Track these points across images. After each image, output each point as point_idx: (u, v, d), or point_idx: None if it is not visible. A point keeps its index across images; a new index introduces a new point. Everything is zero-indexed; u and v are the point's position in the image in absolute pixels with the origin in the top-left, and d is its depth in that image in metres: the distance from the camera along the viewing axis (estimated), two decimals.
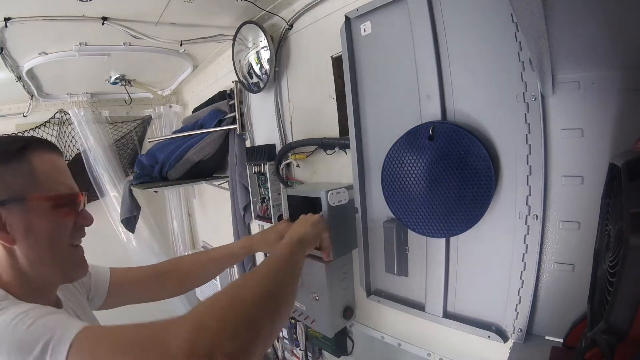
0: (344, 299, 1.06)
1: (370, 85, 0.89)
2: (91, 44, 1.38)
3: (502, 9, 0.64)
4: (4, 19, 1.06)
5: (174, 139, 1.76)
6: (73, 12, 1.10)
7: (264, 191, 1.36)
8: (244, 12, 1.20)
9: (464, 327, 0.79)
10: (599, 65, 0.57)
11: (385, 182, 0.84)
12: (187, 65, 1.74)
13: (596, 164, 0.59)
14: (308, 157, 1.17)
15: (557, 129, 0.63)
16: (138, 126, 2.24)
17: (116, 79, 1.82)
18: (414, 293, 0.90)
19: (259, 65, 1.26)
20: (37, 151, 0.58)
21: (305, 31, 1.13)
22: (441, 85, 0.75)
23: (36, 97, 1.82)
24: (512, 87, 0.66)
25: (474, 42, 0.70)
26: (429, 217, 0.77)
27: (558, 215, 0.65)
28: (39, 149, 0.58)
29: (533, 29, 0.43)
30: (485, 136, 0.71)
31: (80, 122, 1.97)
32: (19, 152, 0.56)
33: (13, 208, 0.54)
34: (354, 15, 0.87)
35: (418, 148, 0.77)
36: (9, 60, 1.36)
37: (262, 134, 1.43)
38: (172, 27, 1.28)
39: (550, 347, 0.65)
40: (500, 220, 0.71)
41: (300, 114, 1.22)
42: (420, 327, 0.93)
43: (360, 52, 0.89)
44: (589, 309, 0.53)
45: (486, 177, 0.69)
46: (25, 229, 0.55)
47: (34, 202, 0.56)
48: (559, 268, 0.66)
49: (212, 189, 1.88)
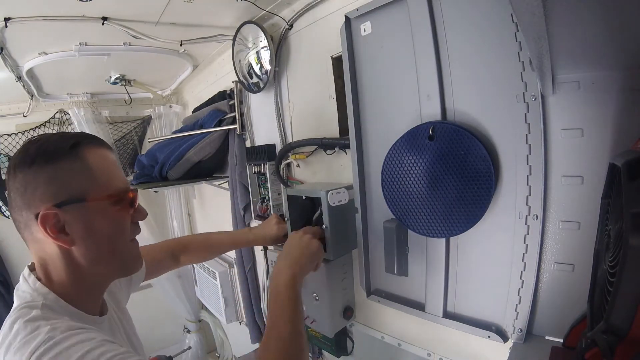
0: (344, 299, 1.06)
1: (370, 85, 0.89)
2: (91, 44, 1.38)
3: (502, 9, 0.64)
4: (4, 19, 1.06)
5: (174, 139, 1.76)
6: (73, 12, 1.10)
7: (264, 191, 1.36)
8: (244, 12, 1.20)
9: (464, 327, 0.79)
10: (599, 65, 0.57)
11: (385, 182, 0.84)
12: (187, 65, 1.74)
13: (596, 164, 0.59)
14: (308, 157, 1.17)
15: (557, 129, 0.63)
16: (138, 126, 2.24)
17: (116, 79, 1.81)
18: (414, 293, 0.90)
19: (259, 65, 1.26)
20: (89, 147, 0.56)
21: (305, 31, 1.12)
22: (441, 85, 0.75)
23: (36, 97, 1.82)
24: (512, 87, 0.66)
25: (474, 42, 0.70)
26: (429, 217, 0.77)
27: (558, 215, 0.65)
28: (90, 145, 0.56)
29: (533, 29, 0.43)
30: (485, 136, 0.71)
31: (80, 122, 1.97)
32: (72, 150, 0.54)
33: (72, 209, 0.53)
34: (354, 15, 0.87)
35: (418, 148, 0.77)
36: (9, 60, 1.36)
37: (262, 134, 1.42)
38: (172, 27, 1.28)
39: (550, 347, 0.65)
40: (500, 220, 0.71)
41: (300, 114, 1.22)
42: (420, 327, 0.93)
43: (360, 52, 0.89)
44: (589, 309, 0.53)
45: (486, 177, 0.69)
46: (85, 229, 0.54)
47: (94, 201, 0.54)
48: (559, 268, 0.66)
49: (212, 189, 1.88)
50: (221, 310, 1.88)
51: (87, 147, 0.56)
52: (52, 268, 0.55)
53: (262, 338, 0.65)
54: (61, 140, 0.55)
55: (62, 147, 0.53)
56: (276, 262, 0.80)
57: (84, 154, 0.55)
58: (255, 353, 1.73)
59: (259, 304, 1.64)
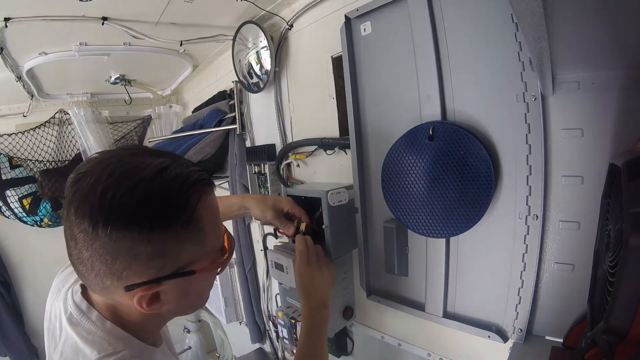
0: (344, 299, 1.06)
1: (370, 85, 0.89)
2: (91, 44, 1.37)
3: (502, 9, 0.64)
4: (4, 19, 1.06)
5: (174, 139, 1.76)
6: (73, 12, 1.10)
7: (264, 191, 1.36)
8: (244, 12, 1.20)
9: (464, 327, 0.79)
10: (599, 65, 0.57)
11: (385, 182, 0.84)
12: (187, 65, 1.74)
13: (596, 164, 0.59)
14: (308, 157, 1.17)
15: (557, 129, 0.63)
16: (138, 126, 2.24)
17: (116, 79, 1.81)
18: (414, 293, 0.90)
19: (259, 65, 1.26)
20: (204, 200, 0.45)
21: (305, 31, 1.12)
22: (441, 85, 0.75)
23: (36, 97, 1.82)
24: (512, 87, 0.66)
25: (474, 42, 0.70)
26: (429, 217, 0.77)
27: (558, 215, 0.65)
28: (205, 195, 0.45)
29: (533, 29, 0.43)
30: (485, 136, 0.71)
31: (80, 122, 1.97)
32: (191, 211, 0.43)
33: (175, 280, 0.44)
34: (354, 15, 0.87)
35: (418, 148, 0.77)
36: (9, 60, 1.36)
37: (262, 134, 1.42)
38: (172, 27, 1.28)
39: (550, 347, 0.65)
40: (500, 221, 0.71)
41: (300, 114, 1.22)
42: (420, 327, 0.93)
43: (360, 52, 0.89)
44: (589, 309, 0.53)
45: (486, 177, 0.69)
46: (181, 295, 0.46)
47: (202, 272, 0.46)
48: (559, 268, 0.66)
49: None
50: (221, 310, 1.88)
51: (203, 202, 0.44)
52: (124, 313, 0.48)
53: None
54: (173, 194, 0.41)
55: (178, 205, 0.42)
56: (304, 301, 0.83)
57: (200, 212, 0.44)
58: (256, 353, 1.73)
59: (259, 304, 1.64)
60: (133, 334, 0.48)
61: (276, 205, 0.90)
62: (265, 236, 1.44)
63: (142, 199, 0.39)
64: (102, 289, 0.44)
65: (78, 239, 0.40)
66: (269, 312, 1.62)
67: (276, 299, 1.51)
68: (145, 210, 0.39)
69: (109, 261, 0.40)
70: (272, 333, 1.63)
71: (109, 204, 0.38)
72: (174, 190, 0.42)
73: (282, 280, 1.00)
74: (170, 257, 0.42)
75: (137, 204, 0.39)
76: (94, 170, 0.40)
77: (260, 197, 0.96)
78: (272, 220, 0.90)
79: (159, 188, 0.40)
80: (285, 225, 0.90)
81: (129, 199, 0.38)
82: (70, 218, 0.40)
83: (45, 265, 1.94)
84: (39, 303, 1.99)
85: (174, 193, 0.41)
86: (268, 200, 0.91)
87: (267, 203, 0.90)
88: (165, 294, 0.45)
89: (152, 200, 0.40)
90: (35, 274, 1.99)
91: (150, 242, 0.40)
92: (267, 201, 0.91)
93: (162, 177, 0.41)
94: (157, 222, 0.40)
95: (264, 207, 0.89)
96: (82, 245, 0.40)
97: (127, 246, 0.39)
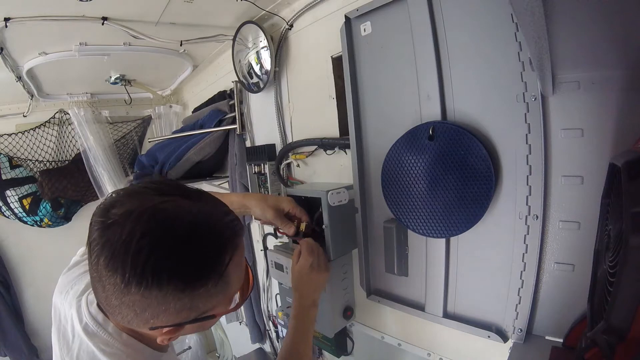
0: (344, 299, 1.06)
1: (370, 85, 0.89)
2: (91, 44, 1.37)
3: (502, 9, 0.64)
4: (4, 19, 1.06)
5: (174, 139, 1.76)
6: (73, 12, 1.10)
7: (264, 191, 1.36)
8: (244, 12, 1.20)
9: (464, 327, 0.79)
10: (599, 65, 0.57)
11: (385, 182, 0.84)
12: (187, 65, 1.74)
13: (596, 164, 0.59)
14: (308, 157, 1.17)
15: (557, 129, 0.63)
16: (138, 126, 2.24)
17: (116, 79, 1.81)
18: (414, 293, 0.90)
19: (259, 65, 1.26)
20: (234, 256, 0.45)
21: (305, 31, 1.12)
22: (441, 85, 0.75)
23: (36, 97, 1.82)
24: (512, 87, 0.66)
25: (474, 42, 0.70)
26: (429, 217, 0.77)
27: (558, 215, 0.65)
28: (236, 250, 0.46)
29: (533, 29, 0.43)
30: (485, 136, 0.71)
31: (80, 122, 1.97)
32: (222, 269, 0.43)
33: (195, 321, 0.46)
34: (354, 15, 0.87)
35: (418, 148, 0.77)
36: (9, 60, 1.36)
37: (262, 134, 1.42)
38: (172, 27, 1.28)
39: (550, 347, 0.65)
40: (500, 221, 0.71)
41: (300, 114, 1.22)
42: (420, 327, 0.93)
43: (360, 52, 0.89)
44: (589, 309, 0.53)
45: (486, 177, 0.69)
46: (197, 328, 0.48)
47: (221, 314, 0.49)
48: (559, 268, 0.66)
49: (212, 189, 1.88)
50: None
51: (233, 259, 0.45)
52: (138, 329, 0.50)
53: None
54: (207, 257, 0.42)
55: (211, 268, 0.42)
56: (297, 300, 0.86)
57: (230, 269, 0.44)
58: (256, 353, 1.73)
59: (259, 304, 1.64)
60: (146, 343, 0.51)
61: (277, 205, 0.91)
62: (265, 236, 1.44)
63: (176, 264, 0.40)
64: (125, 323, 0.45)
65: (107, 287, 0.41)
66: (269, 312, 1.62)
67: (276, 299, 1.51)
68: (179, 274, 0.40)
69: (137, 311, 0.42)
70: (272, 333, 1.63)
71: (142, 268, 0.38)
72: (208, 253, 0.42)
73: (282, 280, 1.00)
74: (196, 309, 0.44)
75: (171, 268, 0.40)
76: (124, 224, 0.39)
77: (261, 196, 0.96)
78: (272, 220, 0.90)
79: (193, 251, 0.41)
80: (286, 225, 0.90)
81: (164, 264, 0.39)
82: (99, 267, 0.40)
83: (45, 265, 1.93)
84: (39, 303, 2.00)
85: (208, 256, 0.42)
86: (269, 200, 0.91)
87: (267, 202, 0.90)
88: (185, 329, 0.47)
89: (186, 264, 0.40)
90: (35, 274, 1.99)
91: (181, 300, 0.41)
92: (267, 201, 0.91)
93: (196, 237, 0.41)
94: (190, 284, 0.41)
95: (264, 207, 0.89)
96: (110, 294, 0.41)
97: (157, 302, 0.41)
